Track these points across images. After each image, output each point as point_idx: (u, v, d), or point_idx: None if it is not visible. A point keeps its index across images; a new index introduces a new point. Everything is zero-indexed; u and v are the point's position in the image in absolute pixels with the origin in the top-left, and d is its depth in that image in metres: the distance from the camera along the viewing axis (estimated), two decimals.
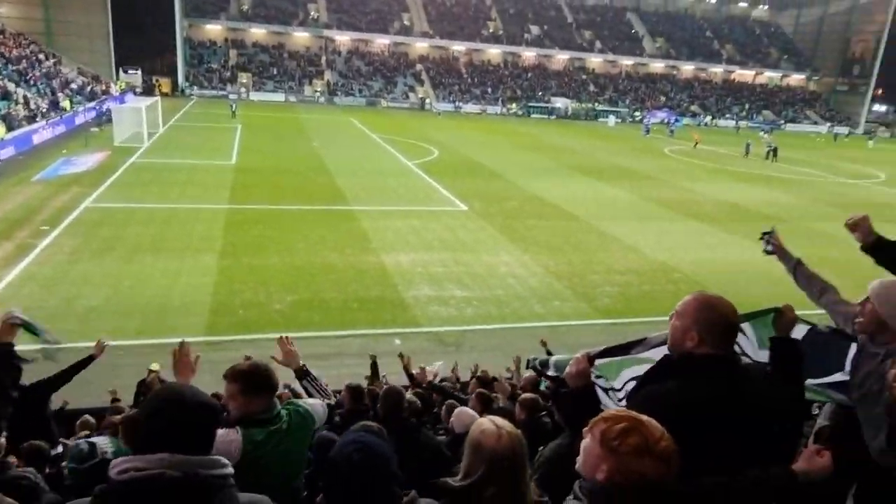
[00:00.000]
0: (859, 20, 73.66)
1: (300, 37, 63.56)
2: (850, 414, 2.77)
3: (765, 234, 3.00)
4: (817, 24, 77.90)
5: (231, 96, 53.21)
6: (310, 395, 3.19)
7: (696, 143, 40.80)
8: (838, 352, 2.79)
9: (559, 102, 61.85)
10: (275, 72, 60.25)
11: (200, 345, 9.87)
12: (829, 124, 66.21)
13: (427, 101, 60.15)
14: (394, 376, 7.46)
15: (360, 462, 2.14)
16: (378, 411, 4.67)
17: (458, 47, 67.16)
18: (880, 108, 77.76)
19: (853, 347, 2.78)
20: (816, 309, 3.10)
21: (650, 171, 30.15)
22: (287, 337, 3.34)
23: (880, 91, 75.20)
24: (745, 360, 2.61)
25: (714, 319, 2.12)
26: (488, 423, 2.02)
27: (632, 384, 2.58)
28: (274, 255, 14.35)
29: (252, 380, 2.59)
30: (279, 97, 57.28)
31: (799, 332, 2.68)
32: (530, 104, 61.42)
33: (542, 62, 69.07)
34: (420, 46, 66.79)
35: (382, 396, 4.62)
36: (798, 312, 2.62)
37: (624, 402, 2.57)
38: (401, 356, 7.26)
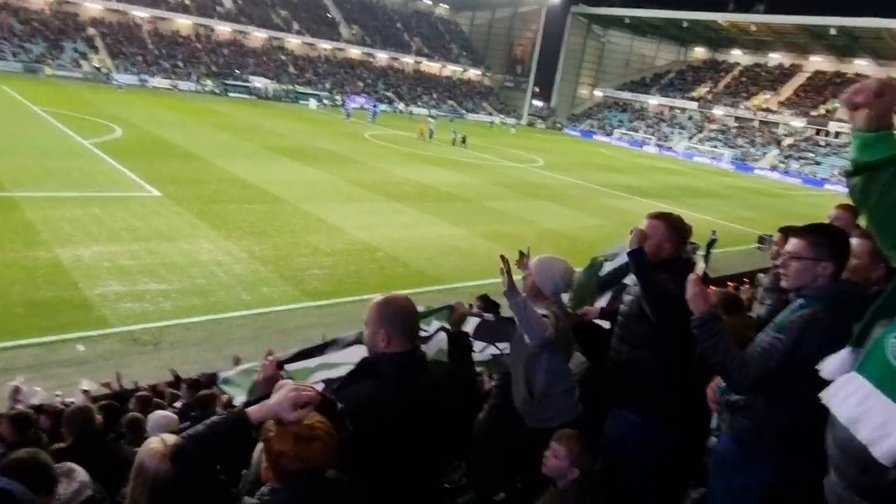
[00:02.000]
0: (519, 26, 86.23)
1: None
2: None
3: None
4: (488, 26, 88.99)
5: None
6: None
7: (422, 133, 42.91)
8: (506, 333, 3.44)
9: (259, 82, 59.88)
10: None
11: None
12: (501, 116, 76.30)
13: (107, 71, 52.85)
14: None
15: None
16: (64, 435, 4.15)
17: (140, 13, 60.21)
18: (538, 103, 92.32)
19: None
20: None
21: (352, 154, 31.22)
22: None
23: (537, 89, 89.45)
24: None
25: (396, 315, 2.27)
26: (156, 440, 1.84)
27: (320, 386, 2.69)
28: None
29: None
30: None
31: (471, 324, 3.15)
32: (227, 82, 58.27)
33: (239, 38, 65.95)
34: (92, 7, 58.12)
35: (66, 419, 4.14)
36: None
37: None
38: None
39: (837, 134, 62.15)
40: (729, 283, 11.37)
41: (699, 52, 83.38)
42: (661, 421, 2.98)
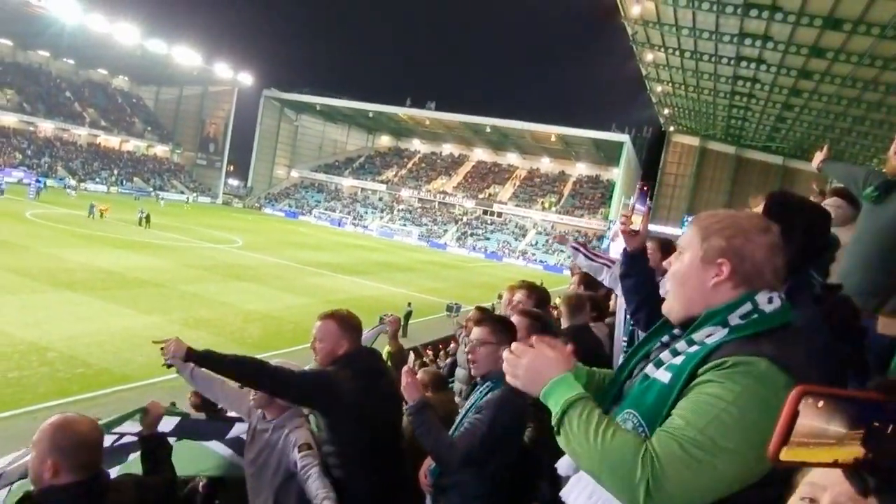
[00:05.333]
0: (211, 105, 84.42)
1: None
2: None
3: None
4: (175, 103, 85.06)
5: None
6: None
7: (102, 213, 38.00)
8: (215, 431, 3.26)
9: None
10: None
11: None
12: (194, 194, 72.60)
13: None
14: None
15: None
16: None
17: None
18: (234, 182, 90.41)
19: (236, 428, 3.26)
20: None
21: (8, 236, 26.30)
22: None
23: (232, 168, 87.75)
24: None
25: (72, 446, 1.99)
26: None
27: None
28: None
29: None
30: None
31: (170, 422, 2.93)
32: None
33: None
34: None
35: None
36: None
37: None
38: None
39: (500, 214, 73.87)
40: (428, 351, 12.48)
41: (385, 140, 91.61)
42: None
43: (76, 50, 69.38)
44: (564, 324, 4.03)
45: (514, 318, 3.03)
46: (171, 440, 2.87)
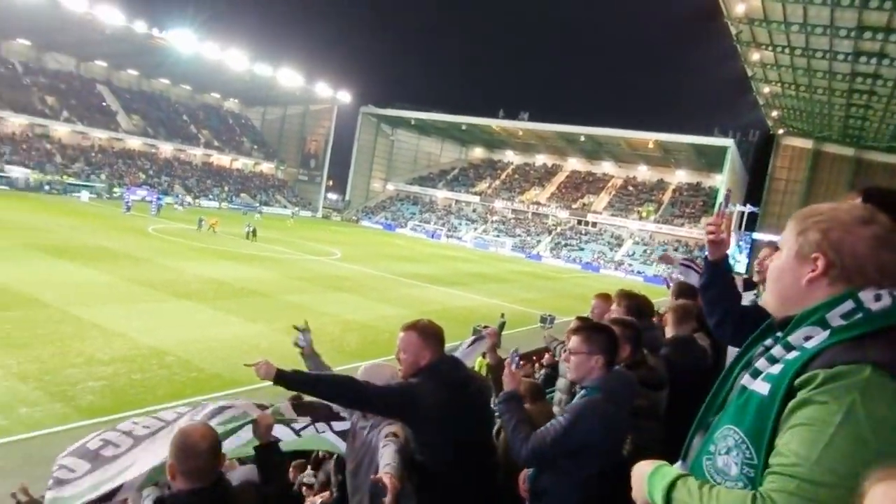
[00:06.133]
0: (312, 123, 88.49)
1: None
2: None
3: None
4: (280, 122, 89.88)
5: None
6: None
7: (213, 227, 40.89)
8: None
9: (16, 172, 53.25)
10: None
11: None
12: (296, 208, 76.16)
13: None
14: None
15: None
16: None
17: None
18: (333, 196, 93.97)
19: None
20: None
21: (132, 250, 28.71)
22: None
23: (331, 182, 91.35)
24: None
25: (181, 451, 2.17)
26: None
27: None
28: None
29: None
30: None
31: (280, 430, 3.06)
32: None
33: None
34: None
35: None
36: None
37: None
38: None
39: (594, 224, 72.22)
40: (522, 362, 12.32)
41: (478, 152, 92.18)
42: None
43: (192, 76, 75.03)
44: (669, 333, 3.96)
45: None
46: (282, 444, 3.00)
